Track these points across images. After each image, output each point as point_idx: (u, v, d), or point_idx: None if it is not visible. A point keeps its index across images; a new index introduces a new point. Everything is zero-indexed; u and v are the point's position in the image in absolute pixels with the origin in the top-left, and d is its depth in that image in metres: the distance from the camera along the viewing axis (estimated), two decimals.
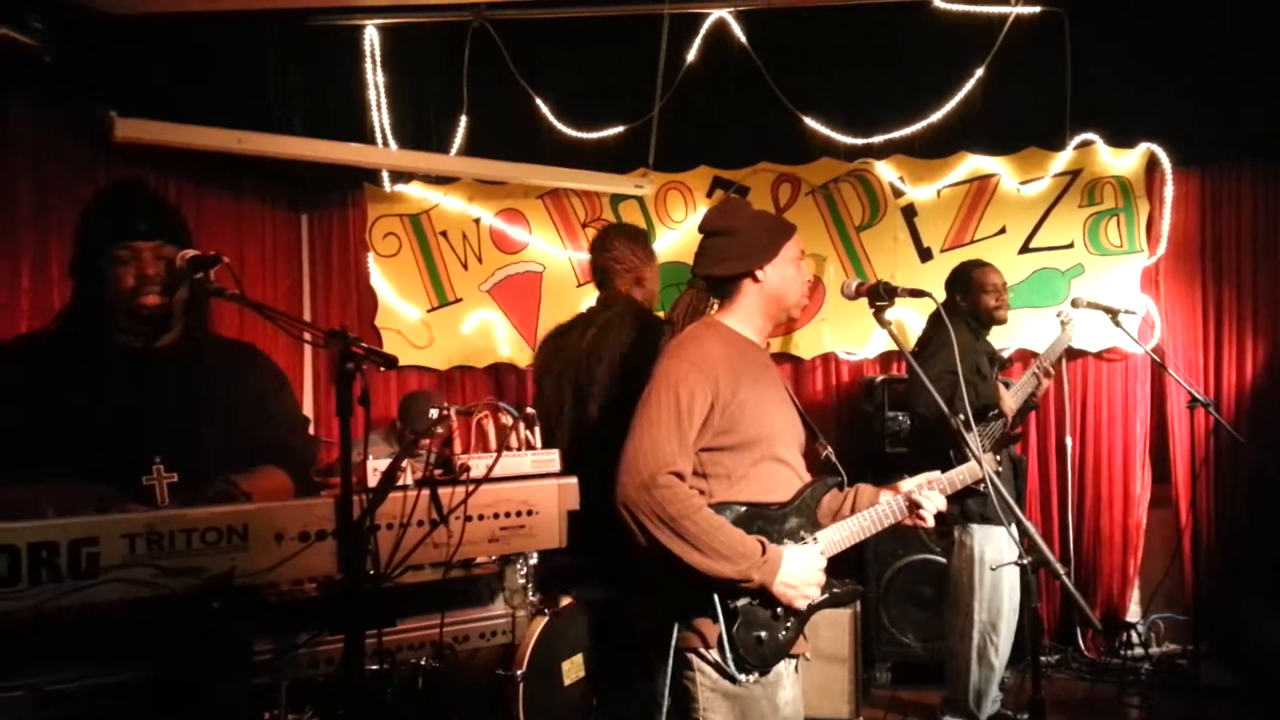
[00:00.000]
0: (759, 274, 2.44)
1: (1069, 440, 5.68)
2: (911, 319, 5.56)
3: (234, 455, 2.30)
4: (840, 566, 2.46)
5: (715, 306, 2.53)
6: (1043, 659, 5.46)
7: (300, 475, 2.45)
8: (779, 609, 2.29)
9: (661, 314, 2.96)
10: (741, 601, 2.26)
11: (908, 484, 2.51)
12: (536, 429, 2.79)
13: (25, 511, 1.74)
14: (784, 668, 2.35)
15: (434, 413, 4.99)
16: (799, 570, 2.27)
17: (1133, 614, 5.68)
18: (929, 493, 2.48)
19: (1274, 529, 5.37)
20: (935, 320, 4.32)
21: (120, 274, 2.29)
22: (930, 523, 2.49)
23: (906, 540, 5.10)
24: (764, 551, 2.23)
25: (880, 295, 2.51)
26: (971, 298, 4.44)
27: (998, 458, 3.17)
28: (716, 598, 2.24)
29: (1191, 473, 5.48)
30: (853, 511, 2.48)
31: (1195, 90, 5.39)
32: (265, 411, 2.47)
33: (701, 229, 2.54)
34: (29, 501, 1.83)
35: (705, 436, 2.31)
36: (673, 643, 2.32)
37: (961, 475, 2.61)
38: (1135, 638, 5.56)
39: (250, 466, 2.31)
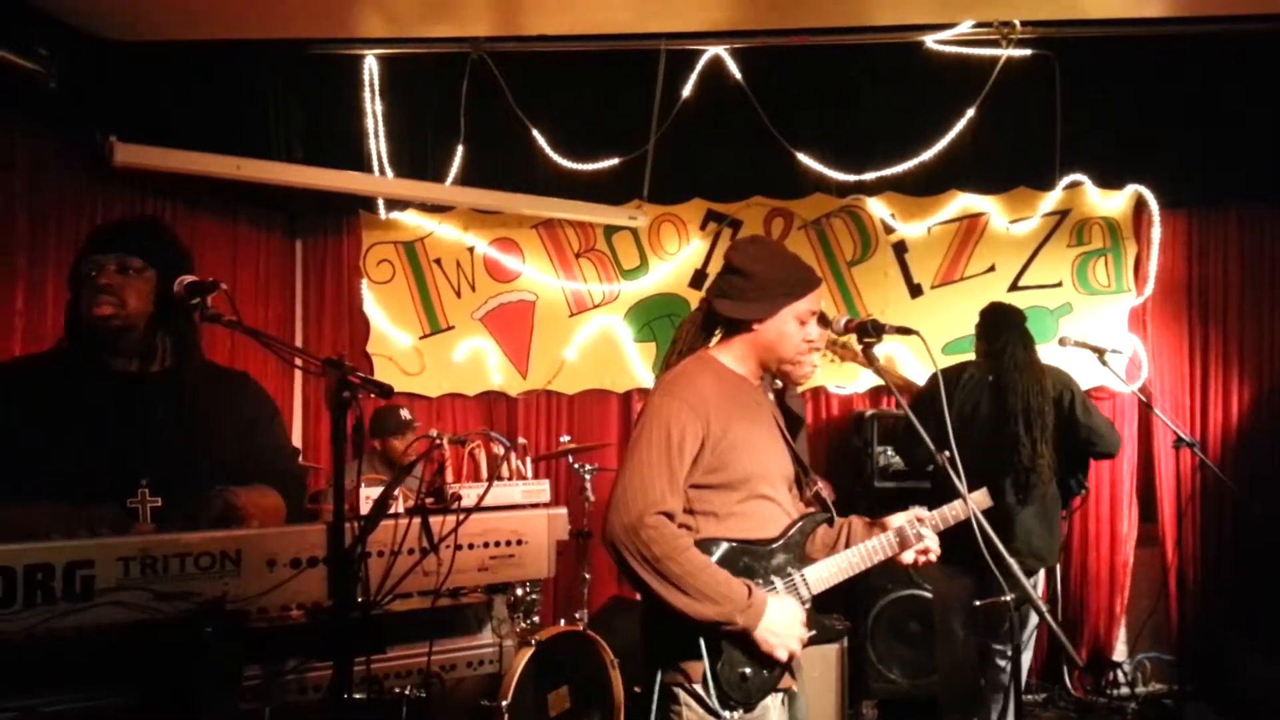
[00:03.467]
0: (756, 326, 2.44)
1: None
2: (901, 355, 5.60)
3: (221, 482, 2.30)
4: (827, 602, 2.47)
5: (717, 337, 2.55)
6: (1030, 697, 5.45)
7: (291, 506, 2.45)
8: None
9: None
10: (728, 640, 2.27)
11: (897, 519, 2.52)
12: (528, 459, 2.80)
13: (30, 532, 1.75)
14: (771, 702, 2.35)
15: (405, 413, 5.08)
16: (782, 621, 2.26)
17: (1119, 653, 5.68)
18: (924, 530, 2.50)
19: (1259, 569, 5.39)
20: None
21: (84, 289, 2.29)
22: (934, 557, 2.51)
23: (894, 576, 5.08)
24: (750, 595, 2.23)
25: (868, 332, 2.53)
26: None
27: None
28: (700, 635, 2.25)
29: (1178, 512, 5.51)
30: (847, 545, 2.48)
31: (1182, 134, 5.49)
32: (255, 442, 2.46)
33: (725, 258, 2.55)
34: (34, 523, 1.83)
35: (695, 474, 2.32)
36: (659, 677, 2.32)
37: (954, 511, 2.62)
38: (1121, 677, 5.57)
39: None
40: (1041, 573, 4.26)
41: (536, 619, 4.39)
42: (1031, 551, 4.08)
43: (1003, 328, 4.30)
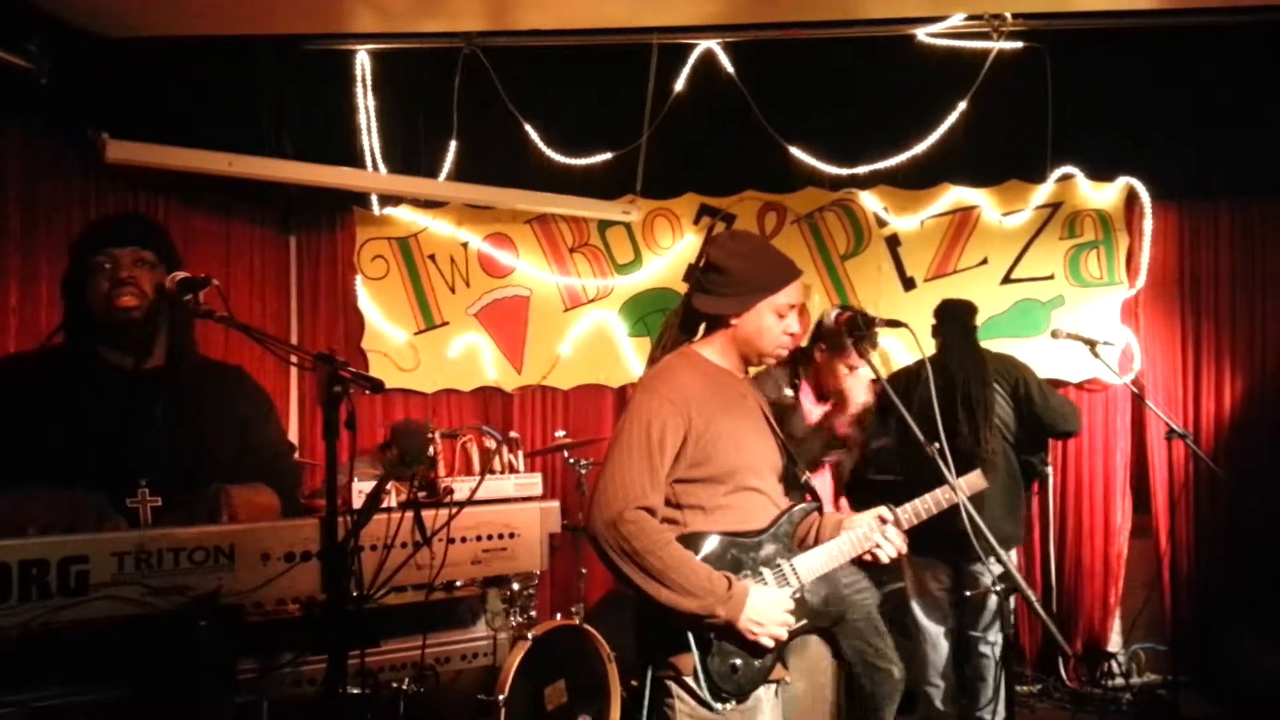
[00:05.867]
0: (734, 321, 2.46)
1: (1049, 470, 5.72)
2: (893, 347, 5.61)
3: (219, 479, 2.30)
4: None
5: (701, 332, 2.57)
6: (1025, 688, 5.47)
7: (286, 500, 2.45)
8: None
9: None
10: (713, 632, 2.28)
11: (861, 519, 2.53)
12: (520, 452, 2.81)
13: (15, 519, 1.75)
14: (763, 693, 2.36)
15: (431, 433, 5.04)
16: (765, 609, 2.27)
17: (1114, 644, 5.70)
18: (889, 529, 2.52)
19: (1252, 559, 5.41)
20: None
21: (98, 281, 2.30)
22: (886, 559, 2.53)
23: (889, 568, 5.05)
24: (730, 587, 2.24)
25: (858, 325, 2.55)
26: None
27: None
28: (688, 628, 2.26)
29: (1170, 503, 5.53)
30: (816, 539, 2.50)
31: (1173, 126, 5.50)
32: (251, 437, 2.47)
33: (704, 253, 2.56)
34: (20, 509, 1.84)
35: (679, 468, 2.33)
36: (650, 671, 2.34)
37: (927, 505, 2.65)
38: (1116, 668, 5.59)
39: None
40: (1013, 553, 4.34)
41: (533, 613, 4.40)
42: (998, 536, 4.11)
43: (945, 322, 4.38)
